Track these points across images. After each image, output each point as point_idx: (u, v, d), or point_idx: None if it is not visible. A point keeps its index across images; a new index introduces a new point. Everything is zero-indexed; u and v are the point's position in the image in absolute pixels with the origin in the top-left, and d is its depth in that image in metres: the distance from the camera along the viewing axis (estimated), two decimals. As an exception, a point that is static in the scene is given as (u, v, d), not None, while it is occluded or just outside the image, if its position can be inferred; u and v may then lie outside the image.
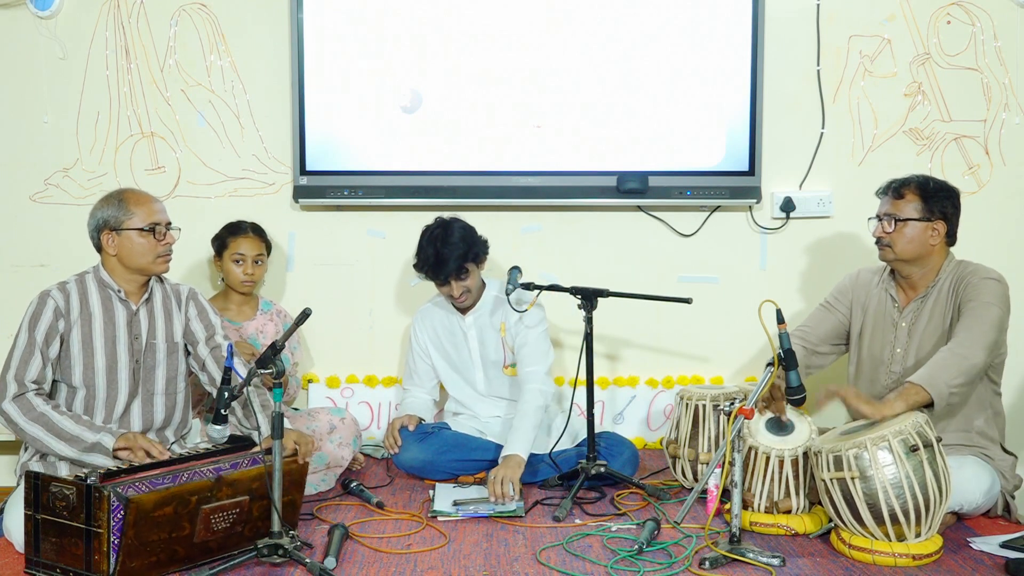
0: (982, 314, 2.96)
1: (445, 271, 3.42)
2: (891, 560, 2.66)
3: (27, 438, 2.83)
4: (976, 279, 3.04)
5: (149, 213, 2.96)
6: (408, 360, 3.78)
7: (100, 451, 2.78)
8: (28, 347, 2.86)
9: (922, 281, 3.15)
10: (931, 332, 3.10)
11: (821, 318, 3.36)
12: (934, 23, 3.99)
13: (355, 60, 3.91)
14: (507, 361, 3.61)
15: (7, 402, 2.82)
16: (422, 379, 3.74)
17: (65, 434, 2.79)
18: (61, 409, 2.85)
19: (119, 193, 3.00)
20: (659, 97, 3.94)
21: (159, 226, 2.96)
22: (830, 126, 4.02)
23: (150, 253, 2.95)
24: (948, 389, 2.84)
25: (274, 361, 2.63)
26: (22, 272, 4.00)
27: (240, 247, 3.60)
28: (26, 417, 2.81)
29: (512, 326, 3.57)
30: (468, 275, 3.48)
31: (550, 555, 2.74)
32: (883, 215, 3.13)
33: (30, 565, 2.54)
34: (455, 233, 3.45)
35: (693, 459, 3.37)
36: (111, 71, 3.96)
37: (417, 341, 3.72)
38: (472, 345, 3.62)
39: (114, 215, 2.94)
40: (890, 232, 3.10)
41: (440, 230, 3.46)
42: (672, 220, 4.07)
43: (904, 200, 3.10)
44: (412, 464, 3.49)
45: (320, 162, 3.93)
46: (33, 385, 2.85)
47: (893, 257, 3.12)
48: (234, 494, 2.63)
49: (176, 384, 3.08)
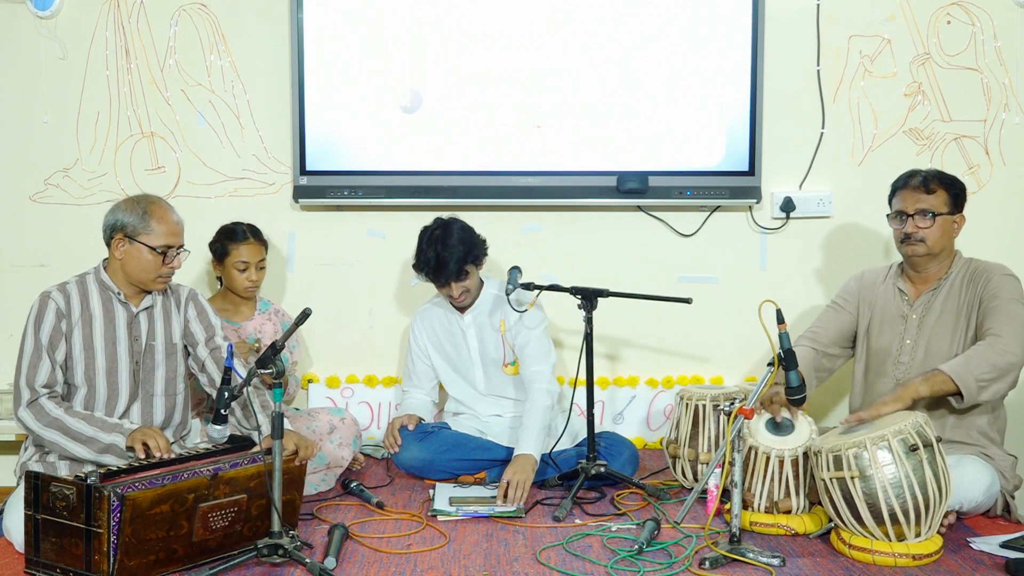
0: (1014, 311, 2.99)
1: (445, 274, 3.42)
2: (891, 560, 2.66)
3: (46, 442, 2.84)
4: (996, 276, 3.07)
5: (167, 235, 2.92)
6: (407, 361, 3.78)
7: (115, 452, 2.79)
8: (35, 351, 2.86)
9: (936, 275, 3.17)
10: (943, 324, 3.11)
11: (831, 319, 3.36)
12: (934, 23, 3.99)
13: (355, 60, 3.91)
14: (507, 359, 3.61)
15: (22, 409, 2.83)
16: (421, 380, 3.74)
17: (81, 436, 2.80)
18: (73, 411, 2.85)
19: (146, 202, 2.95)
20: (659, 97, 3.94)
21: (172, 249, 2.94)
22: (830, 126, 4.02)
23: (152, 272, 2.93)
24: (977, 382, 2.86)
25: (274, 361, 2.63)
26: (22, 272, 4.00)
27: (243, 255, 3.58)
28: (40, 423, 2.81)
29: (512, 325, 3.57)
30: (468, 276, 3.48)
31: (550, 555, 2.74)
32: (915, 211, 3.11)
33: (30, 565, 2.54)
34: (454, 235, 3.44)
35: (693, 459, 3.37)
36: (111, 71, 3.96)
37: (416, 342, 3.72)
38: (471, 344, 3.62)
39: (133, 223, 2.91)
40: (926, 227, 3.09)
41: (439, 232, 3.45)
42: (672, 220, 4.07)
43: (935, 195, 3.11)
44: (412, 463, 3.49)
45: (320, 162, 3.93)
46: (44, 389, 2.85)
47: (925, 252, 3.12)
48: (231, 492, 2.62)
49: (175, 385, 3.08)
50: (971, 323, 3.07)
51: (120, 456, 2.78)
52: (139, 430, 2.82)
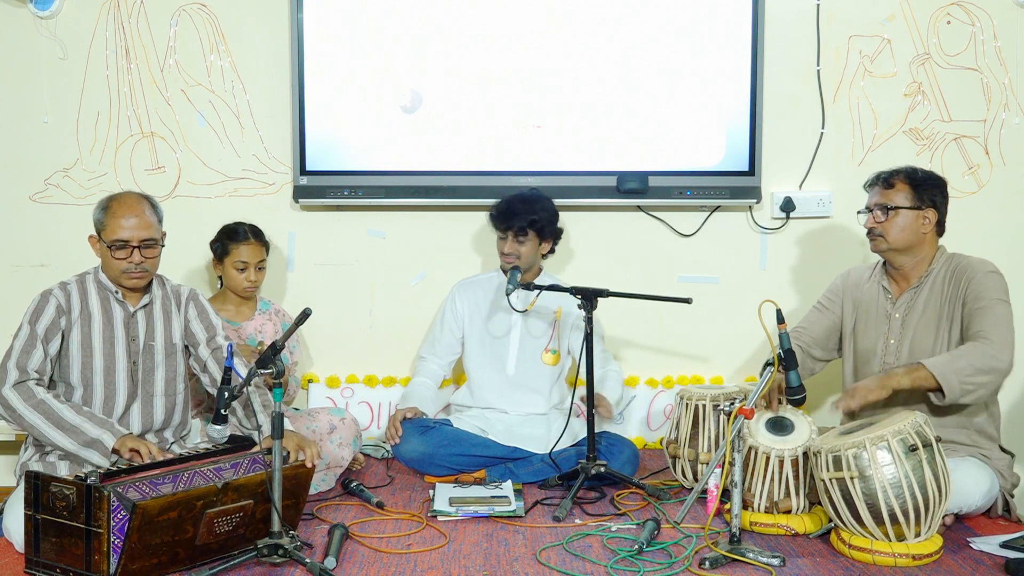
0: (1001, 313, 2.98)
1: (509, 222, 3.53)
2: (891, 560, 2.66)
3: (25, 426, 2.79)
4: (980, 274, 3.05)
5: (116, 228, 2.87)
6: (435, 327, 3.77)
7: (99, 449, 2.77)
8: (30, 339, 2.85)
9: (914, 272, 3.16)
10: (925, 323, 3.10)
11: (815, 319, 3.37)
12: (934, 23, 3.99)
13: (355, 60, 3.91)
14: (551, 345, 3.61)
15: (7, 388, 2.80)
16: (442, 351, 3.74)
17: (65, 423, 2.77)
18: (63, 399, 2.84)
19: (109, 199, 2.96)
20: (659, 97, 3.94)
21: (123, 246, 2.87)
22: (830, 126, 4.03)
23: (115, 268, 2.91)
24: (962, 384, 2.86)
25: (274, 361, 2.63)
26: (22, 272, 4.00)
27: (242, 255, 3.58)
28: (27, 404, 2.78)
29: (574, 320, 3.64)
30: (526, 240, 3.54)
31: (550, 555, 2.74)
32: (873, 205, 3.14)
33: (30, 565, 2.54)
34: (541, 201, 3.58)
35: (693, 459, 3.37)
36: (111, 71, 3.96)
37: (453, 309, 3.72)
38: (515, 320, 3.63)
39: (99, 220, 2.93)
40: (882, 222, 3.11)
41: (529, 192, 3.61)
42: (672, 220, 4.07)
43: (894, 189, 3.12)
44: (412, 456, 3.48)
45: (320, 162, 3.93)
46: (35, 374, 2.83)
47: (886, 247, 3.13)
48: (240, 499, 2.61)
49: (175, 386, 3.08)
50: (955, 322, 3.06)
51: (103, 454, 2.75)
52: (131, 437, 2.80)
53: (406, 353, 4.07)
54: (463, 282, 3.78)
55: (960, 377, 2.87)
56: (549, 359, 3.64)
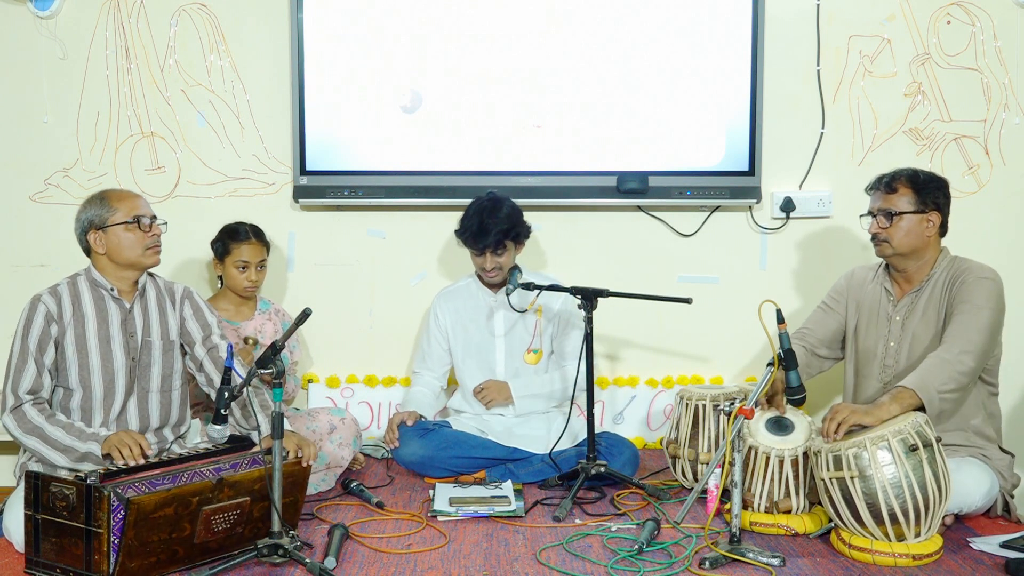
0: (973, 318, 2.95)
1: (484, 242, 3.49)
2: (891, 560, 2.66)
3: (26, 448, 2.86)
4: (971, 278, 3.02)
5: (132, 207, 2.96)
6: (423, 342, 3.78)
7: (92, 460, 2.79)
8: (21, 357, 2.87)
9: (917, 275, 3.15)
10: (924, 327, 3.09)
11: (820, 319, 3.36)
12: (934, 23, 3.99)
13: (355, 60, 3.91)
14: (532, 345, 3.61)
15: (6, 415, 2.85)
16: (435, 363, 3.74)
17: (59, 445, 2.81)
18: (55, 419, 2.85)
19: (100, 193, 3.01)
20: (659, 97, 3.94)
21: (144, 218, 2.95)
22: (830, 126, 4.02)
23: (139, 246, 2.95)
24: (939, 395, 2.84)
25: (274, 361, 2.63)
26: (22, 272, 4.00)
27: (243, 254, 3.59)
28: (22, 430, 2.83)
29: (554, 315, 3.63)
30: (505, 252, 3.53)
31: (550, 555, 2.74)
32: (877, 211, 3.11)
33: (30, 565, 2.54)
34: (504, 209, 3.53)
35: (693, 459, 3.36)
36: (111, 71, 3.96)
37: (436, 323, 3.72)
38: (497, 324, 3.63)
39: (98, 214, 2.95)
40: (886, 227, 3.09)
41: (489, 203, 3.54)
42: (672, 220, 4.07)
43: (897, 194, 3.09)
44: (412, 459, 3.49)
45: (320, 162, 3.93)
46: (28, 396, 2.85)
47: (891, 252, 3.11)
48: (235, 495, 2.62)
49: (171, 382, 3.07)
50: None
51: (97, 463, 2.77)
52: (114, 435, 2.81)
53: (406, 353, 4.07)
54: (442, 293, 3.77)
55: (937, 387, 2.85)
56: (531, 359, 3.64)
